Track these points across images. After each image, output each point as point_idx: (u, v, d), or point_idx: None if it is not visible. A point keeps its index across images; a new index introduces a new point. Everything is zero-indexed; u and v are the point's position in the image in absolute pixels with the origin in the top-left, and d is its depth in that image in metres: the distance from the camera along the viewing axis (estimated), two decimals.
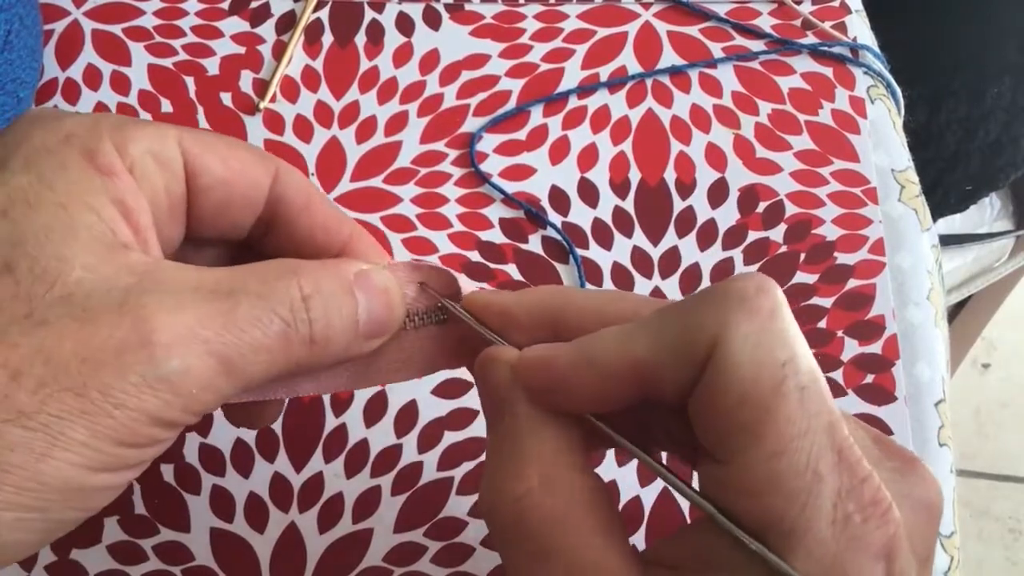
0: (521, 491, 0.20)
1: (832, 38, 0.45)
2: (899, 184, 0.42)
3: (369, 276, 0.23)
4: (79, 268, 0.19)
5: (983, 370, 1.29)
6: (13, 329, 0.18)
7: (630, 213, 0.41)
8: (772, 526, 0.18)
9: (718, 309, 0.19)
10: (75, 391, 0.18)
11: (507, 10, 0.46)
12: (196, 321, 0.19)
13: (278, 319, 0.21)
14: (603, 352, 0.21)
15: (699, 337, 0.19)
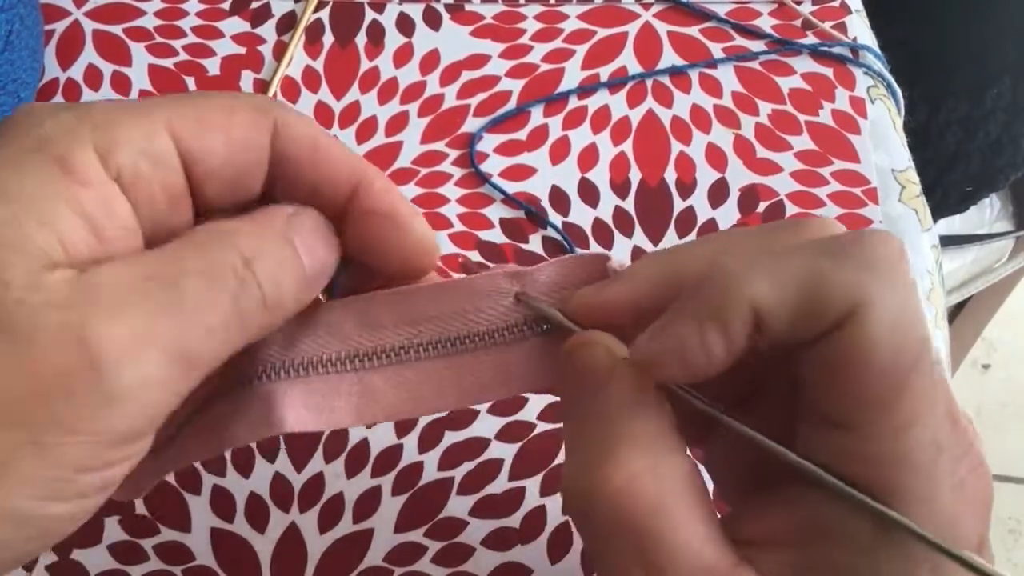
0: (622, 478, 0.20)
1: (832, 38, 0.45)
2: (899, 184, 0.42)
3: (299, 219, 0.22)
4: (18, 289, 0.18)
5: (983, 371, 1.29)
6: None
7: (630, 213, 0.41)
8: (894, 494, 0.18)
9: (862, 273, 0.18)
10: (21, 425, 0.17)
11: (507, 10, 0.46)
12: (142, 323, 0.18)
13: (227, 294, 0.20)
14: (729, 314, 0.19)
15: (837, 297, 0.18)
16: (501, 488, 0.35)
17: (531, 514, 0.34)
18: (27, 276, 0.18)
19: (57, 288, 0.18)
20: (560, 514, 0.34)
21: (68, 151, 0.19)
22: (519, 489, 0.35)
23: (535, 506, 0.35)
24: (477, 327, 0.24)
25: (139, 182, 0.20)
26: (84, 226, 0.19)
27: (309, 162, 0.22)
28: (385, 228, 0.23)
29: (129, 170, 0.20)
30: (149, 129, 0.20)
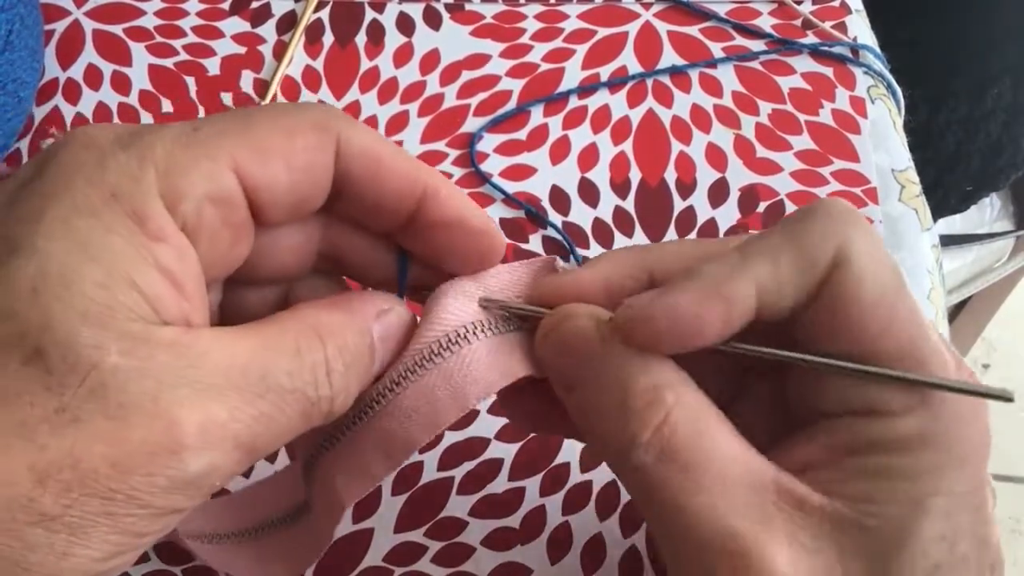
0: (659, 418, 0.21)
1: (832, 38, 0.45)
2: (899, 184, 0.42)
3: (388, 317, 0.23)
4: (114, 354, 0.18)
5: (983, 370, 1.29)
6: (43, 427, 0.17)
7: (631, 213, 0.41)
8: None
9: (836, 226, 0.21)
10: (101, 496, 0.18)
11: (507, 10, 0.46)
12: (227, 415, 0.19)
13: (304, 399, 0.20)
14: (729, 281, 0.21)
15: (823, 250, 0.21)
16: (501, 488, 0.35)
17: (531, 514, 0.34)
18: (123, 341, 0.18)
19: (153, 355, 0.18)
20: (560, 514, 0.34)
21: (141, 205, 0.19)
22: (519, 489, 0.35)
23: (535, 506, 0.35)
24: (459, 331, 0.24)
25: (203, 225, 0.20)
26: (166, 283, 0.19)
27: (373, 178, 0.22)
28: (455, 236, 0.24)
29: (194, 216, 0.20)
30: (213, 171, 0.20)
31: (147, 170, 0.19)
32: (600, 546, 0.34)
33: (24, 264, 0.18)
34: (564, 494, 0.35)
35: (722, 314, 0.21)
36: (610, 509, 0.34)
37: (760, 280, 0.21)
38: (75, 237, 0.18)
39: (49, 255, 0.18)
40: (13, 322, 0.17)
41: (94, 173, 0.19)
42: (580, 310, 0.23)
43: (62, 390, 0.17)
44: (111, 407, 0.18)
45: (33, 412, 0.17)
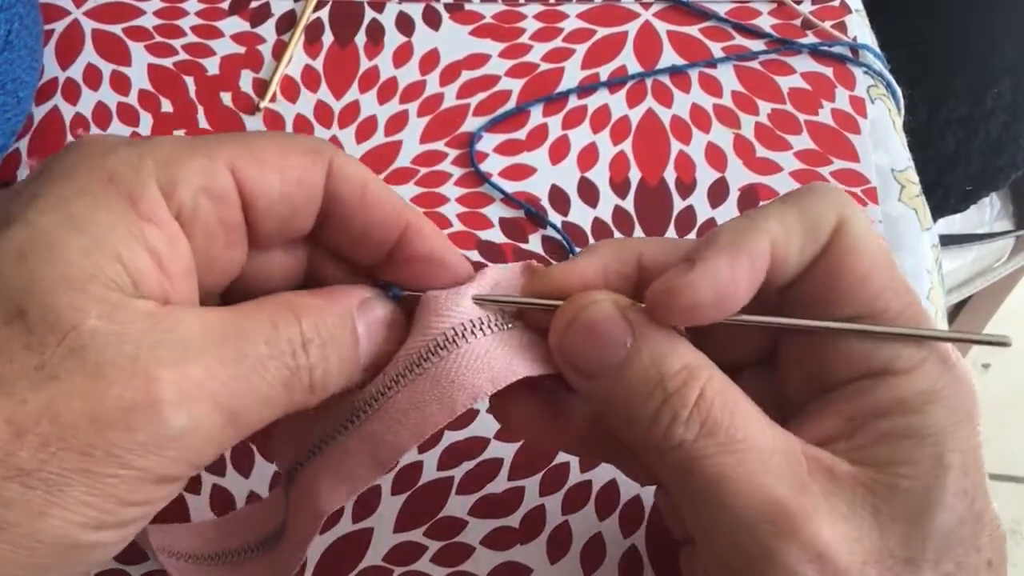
0: (695, 395, 0.21)
1: (832, 38, 0.45)
2: (899, 184, 0.42)
3: (372, 307, 0.24)
4: (94, 317, 0.18)
5: (983, 370, 1.29)
6: (22, 383, 0.18)
7: (630, 213, 0.41)
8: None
9: (837, 200, 0.23)
10: (79, 451, 0.18)
11: (507, 10, 0.46)
12: (205, 374, 0.19)
13: (283, 367, 0.21)
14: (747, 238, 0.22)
15: (827, 216, 0.23)
16: (501, 488, 0.35)
17: (531, 514, 0.34)
18: (102, 306, 0.18)
19: (132, 321, 0.19)
20: (560, 513, 0.34)
21: (137, 188, 0.20)
22: (519, 489, 0.35)
23: (535, 506, 0.35)
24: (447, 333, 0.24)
25: (198, 218, 0.21)
26: (151, 262, 0.20)
27: (360, 204, 0.23)
28: (433, 270, 0.25)
29: (189, 207, 0.21)
30: (211, 167, 0.21)
31: (145, 160, 0.20)
32: (600, 546, 0.34)
33: (15, 233, 0.19)
34: (564, 494, 0.35)
35: (748, 271, 0.22)
36: (610, 509, 0.34)
37: (773, 236, 0.22)
38: (66, 211, 0.19)
39: (39, 226, 0.19)
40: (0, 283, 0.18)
41: (95, 162, 0.20)
42: (603, 296, 0.23)
43: (42, 348, 0.18)
44: (89, 366, 0.18)
45: (12, 368, 0.18)
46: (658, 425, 0.22)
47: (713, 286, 0.21)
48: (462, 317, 0.24)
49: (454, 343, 0.23)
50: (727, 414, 0.21)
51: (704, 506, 0.22)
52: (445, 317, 0.24)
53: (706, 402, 0.21)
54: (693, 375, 0.22)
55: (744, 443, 0.21)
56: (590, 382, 0.23)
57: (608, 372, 0.22)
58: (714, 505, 0.21)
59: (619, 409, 0.23)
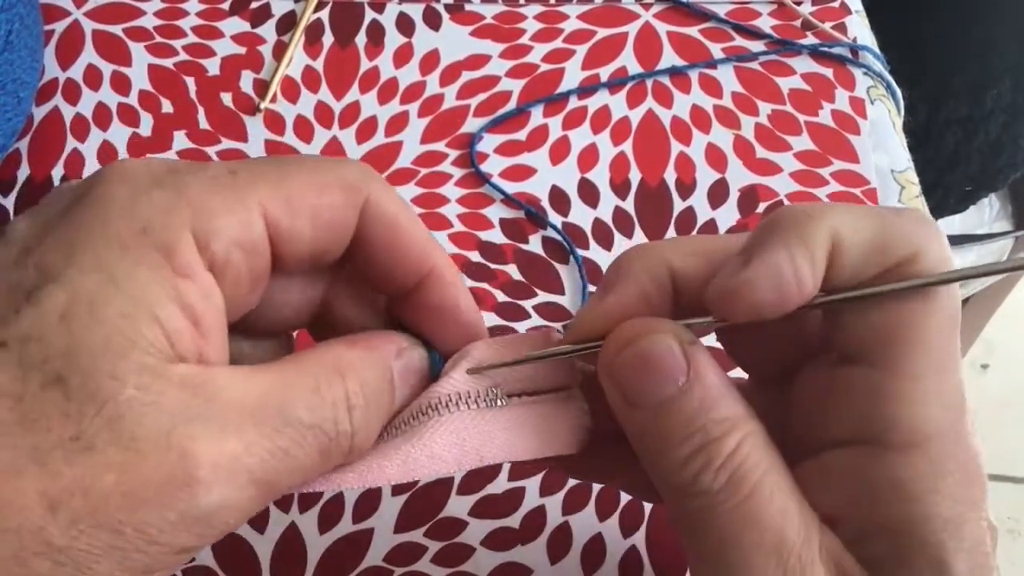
0: (733, 446, 0.21)
1: (832, 39, 0.45)
2: (899, 184, 0.42)
3: (407, 356, 0.23)
4: (131, 387, 0.18)
5: (982, 371, 1.29)
6: (57, 454, 0.17)
7: (630, 213, 0.41)
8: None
9: (920, 228, 0.21)
10: (110, 528, 0.17)
11: (507, 10, 0.46)
12: (242, 448, 0.19)
13: (323, 435, 0.20)
14: (812, 234, 0.20)
15: (903, 240, 0.21)
16: (501, 488, 0.35)
17: (531, 514, 0.34)
18: (141, 376, 0.18)
19: (168, 391, 0.18)
20: (560, 514, 0.34)
21: (172, 240, 0.19)
22: (519, 489, 0.35)
23: (535, 506, 0.35)
24: (432, 399, 0.23)
25: (229, 268, 0.20)
26: (186, 319, 0.19)
27: (389, 246, 0.23)
28: (445, 322, 0.24)
29: (221, 259, 0.20)
30: (246, 218, 0.20)
31: (181, 208, 0.19)
32: (600, 546, 0.34)
33: (56, 291, 0.18)
34: (564, 494, 0.35)
35: (810, 264, 0.20)
36: (610, 509, 0.34)
37: (836, 231, 0.21)
38: (105, 269, 0.18)
39: (80, 285, 0.18)
40: (39, 345, 0.18)
41: (127, 207, 0.19)
42: (666, 327, 0.22)
43: (80, 418, 0.17)
44: (125, 438, 0.18)
45: (48, 437, 0.17)
46: (688, 468, 0.21)
47: (774, 282, 0.20)
48: (450, 388, 0.23)
49: (436, 410, 0.23)
50: (758, 472, 0.21)
51: (709, 561, 0.21)
52: (440, 384, 0.23)
53: (740, 455, 0.21)
54: (736, 427, 0.21)
55: (766, 509, 0.20)
56: (631, 410, 0.22)
57: (654, 406, 0.22)
58: (720, 565, 0.21)
59: (654, 443, 0.22)
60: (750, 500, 0.20)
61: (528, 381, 0.24)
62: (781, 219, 0.21)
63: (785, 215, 0.21)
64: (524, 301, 0.39)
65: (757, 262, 0.20)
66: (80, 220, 0.19)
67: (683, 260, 0.23)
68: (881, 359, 0.21)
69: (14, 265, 0.19)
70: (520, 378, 0.24)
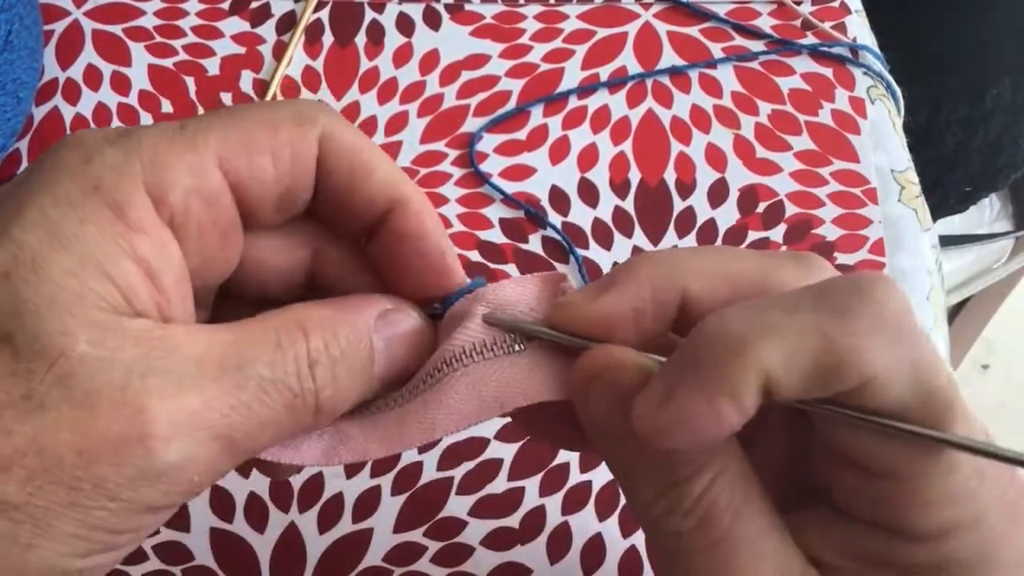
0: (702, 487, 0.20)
1: (832, 38, 0.45)
2: (899, 184, 0.42)
3: (393, 320, 0.22)
4: (83, 343, 0.18)
5: (983, 371, 1.29)
6: (9, 413, 0.17)
7: (630, 213, 0.41)
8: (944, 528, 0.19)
9: (874, 340, 0.18)
10: (66, 485, 0.17)
11: (507, 10, 0.46)
12: (201, 404, 0.18)
13: (287, 391, 0.20)
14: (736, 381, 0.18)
15: (852, 368, 0.18)
16: (501, 488, 0.35)
17: (531, 514, 0.34)
18: (92, 330, 0.18)
19: (123, 346, 0.18)
20: (560, 513, 0.34)
21: (123, 196, 0.19)
22: (519, 489, 0.35)
23: (535, 506, 0.35)
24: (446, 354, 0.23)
25: (190, 221, 0.20)
26: (141, 274, 0.19)
27: (350, 174, 0.22)
28: (412, 251, 0.23)
29: (180, 210, 0.20)
30: (199, 165, 0.20)
31: (132, 163, 0.19)
32: (600, 546, 0.34)
33: (0, 252, 0.18)
34: (564, 494, 0.35)
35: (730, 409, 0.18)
36: (610, 509, 0.34)
37: (770, 371, 0.18)
38: (50, 226, 0.18)
39: (22, 243, 0.18)
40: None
41: (78, 168, 0.19)
42: (629, 359, 0.21)
43: (29, 376, 0.17)
44: (77, 395, 0.17)
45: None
46: (655, 508, 0.20)
47: (689, 430, 0.18)
48: (466, 339, 0.23)
49: (451, 365, 0.22)
50: (730, 515, 0.20)
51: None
52: (454, 337, 0.23)
53: (709, 497, 0.20)
54: (705, 466, 0.20)
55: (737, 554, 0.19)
56: (602, 440, 0.21)
57: (619, 441, 0.21)
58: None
59: (624, 474, 0.21)
60: (722, 544, 0.19)
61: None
62: (703, 351, 0.19)
63: (709, 346, 0.19)
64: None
65: (673, 405, 0.18)
66: (30, 187, 0.19)
67: (701, 283, 0.21)
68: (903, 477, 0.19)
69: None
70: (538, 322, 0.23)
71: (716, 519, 0.20)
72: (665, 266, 0.22)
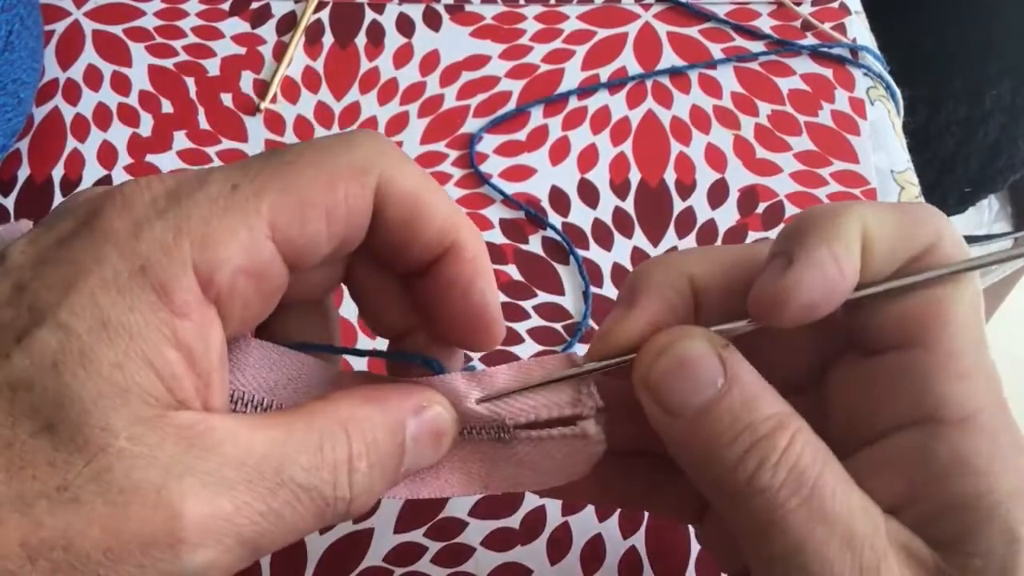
0: (786, 441, 0.20)
1: (832, 39, 0.45)
2: (899, 185, 0.42)
3: (426, 418, 0.22)
4: (123, 439, 0.17)
5: None
6: (41, 503, 0.17)
7: (630, 214, 0.41)
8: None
9: (935, 218, 0.22)
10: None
11: (507, 11, 0.46)
12: (233, 510, 0.18)
13: (320, 499, 0.20)
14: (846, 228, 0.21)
15: (924, 233, 0.21)
16: None
17: (531, 514, 0.34)
18: (133, 424, 0.18)
19: (163, 444, 0.18)
20: (560, 514, 0.34)
21: (170, 279, 0.18)
22: None
23: (535, 506, 0.35)
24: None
25: (236, 295, 0.19)
26: (184, 362, 0.19)
27: (406, 222, 0.21)
28: (456, 300, 0.22)
29: (227, 290, 0.19)
30: (251, 241, 0.19)
31: (181, 242, 0.18)
32: (600, 546, 0.34)
33: (48, 337, 0.18)
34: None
35: (849, 258, 0.21)
36: (610, 509, 0.34)
37: (866, 223, 0.21)
38: (98, 313, 0.18)
39: (71, 331, 0.18)
40: (30, 394, 0.17)
41: (126, 243, 0.18)
42: (696, 331, 0.22)
43: (66, 468, 0.17)
44: (112, 492, 0.17)
45: (33, 486, 0.17)
46: (743, 469, 0.20)
47: (822, 281, 0.20)
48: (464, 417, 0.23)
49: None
50: (816, 467, 0.20)
51: (780, 561, 0.20)
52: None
53: (794, 451, 0.20)
54: (783, 423, 0.21)
55: (829, 505, 0.20)
56: (673, 419, 0.22)
57: (694, 412, 0.21)
58: (792, 565, 0.20)
59: (700, 450, 0.21)
60: (813, 495, 0.20)
61: (537, 410, 0.23)
62: (811, 219, 0.21)
63: (814, 214, 0.21)
64: (524, 302, 0.39)
65: (800, 263, 0.20)
66: (76, 256, 0.18)
67: (703, 270, 0.23)
68: (922, 340, 0.21)
69: (7, 303, 0.18)
70: (528, 407, 0.23)
71: (805, 472, 0.20)
72: (669, 265, 0.23)
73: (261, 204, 0.19)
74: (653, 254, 0.40)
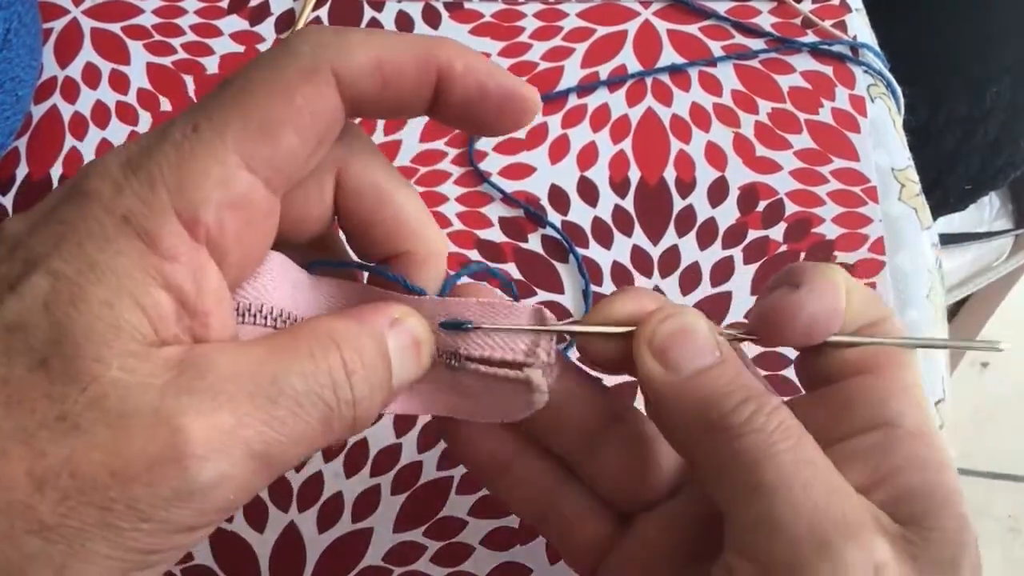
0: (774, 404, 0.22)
1: (832, 36, 0.45)
2: (899, 183, 0.42)
3: (402, 327, 0.23)
4: (116, 368, 0.18)
5: (982, 369, 1.29)
6: (43, 434, 0.17)
7: (630, 212, 0.41)
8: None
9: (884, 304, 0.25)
10: (99, 505, 0.17)
11: (506, 8, 0.46)
12: (235, 421, 0.18)
13: (322, 404, 0.20)
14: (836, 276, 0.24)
15: (880, 307, 0.25)
16: None
17: None
18: (124, 356, 0.18)
19: (154, 372, 0.18)
20: None
21: (154, 226, 0.19)
22: None
23: None
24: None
25: (225, 232, 0.20)
26: (173, 302, 0.19)
27: (381, 90, 0.21)
28: (484, 107, 0.22)
29: (215, 226, 0.20)
30: (225, 175, 0.20)
31: (159, 191, 0.19)
32: None
33: (39, 280, 0.18)
34: None
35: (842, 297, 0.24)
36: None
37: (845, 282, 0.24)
38: (86, 260, 0.18)
39: (61, 275, 0.18)
40: (24, 332, 0.18)
41: (110, 201, 0.19)
42: (699, 313, 0.24)
43: (63, 398, 0.18)
44: (111, 416, 0.18)
45: (33, 418, 0.17)
46: (739, 413, 0.22)
47: (828, 302, 0.23)
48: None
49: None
50: (797, 432, 0.22)
51: (769, 496, 0.21)
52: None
53: (783, 412, 0.22)
54: (770, 396, 0.22)
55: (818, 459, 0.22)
56: (673, 376, 0.23)
57: (693, 371, 0.23)
58: (779, 499, 0.21)
59: (695, 401, 0.23)
60: (800, 445, 0.22)
61: (493, 349, 0.24)
62: (807, 264, 0.24)
63: (807, 264, 0.24)
64: (524, 300, 0.39)
65: (807, 287, 0.23)
66: (64, 216, 0.19)
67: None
68: (881, 373, 0.24)
69: (3, 260, 0.19)
70: (483, 343, 0.24)
71: (792, 428, 0.22)
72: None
73: (226, 137, 0.20)
74: (653, 252, 0.40)
